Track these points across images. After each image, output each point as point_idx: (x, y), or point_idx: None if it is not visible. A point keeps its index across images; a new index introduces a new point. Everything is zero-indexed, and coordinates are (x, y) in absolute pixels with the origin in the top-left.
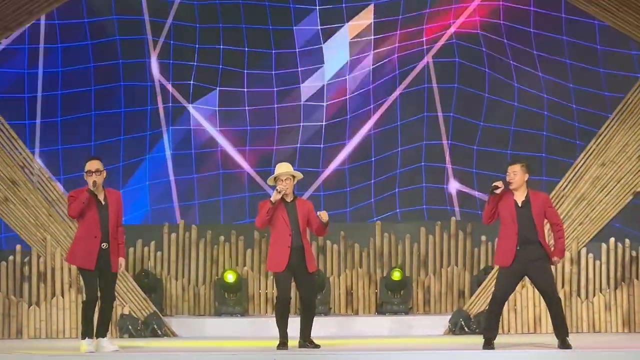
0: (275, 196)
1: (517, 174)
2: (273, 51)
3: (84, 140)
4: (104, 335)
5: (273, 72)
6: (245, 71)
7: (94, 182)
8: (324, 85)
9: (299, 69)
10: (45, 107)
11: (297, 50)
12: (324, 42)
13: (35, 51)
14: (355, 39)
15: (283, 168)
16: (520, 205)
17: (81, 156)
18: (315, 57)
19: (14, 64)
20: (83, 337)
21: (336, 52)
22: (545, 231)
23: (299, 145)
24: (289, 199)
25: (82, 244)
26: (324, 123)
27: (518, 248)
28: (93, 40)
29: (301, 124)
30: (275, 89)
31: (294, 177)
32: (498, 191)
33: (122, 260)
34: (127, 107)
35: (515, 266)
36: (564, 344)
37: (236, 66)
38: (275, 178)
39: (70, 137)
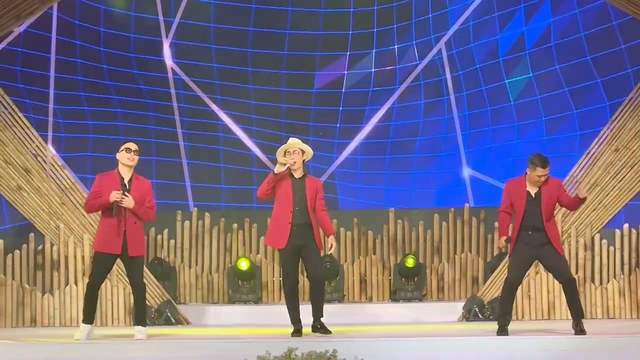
0: (278, 168)
1: (546, 177)
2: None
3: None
4: (136, 324)
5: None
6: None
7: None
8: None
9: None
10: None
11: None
12: None
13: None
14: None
15: (293, 141)
16: (533, 196)
17: None
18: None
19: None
20: (83, 322)
21: None
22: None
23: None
24: (297, 174)
25: (104, 228)
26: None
27: (530, 233)
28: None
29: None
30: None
31: (303, 152)
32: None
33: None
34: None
35: (526, 251)
36: (578, 328)
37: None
38: (285, 152)
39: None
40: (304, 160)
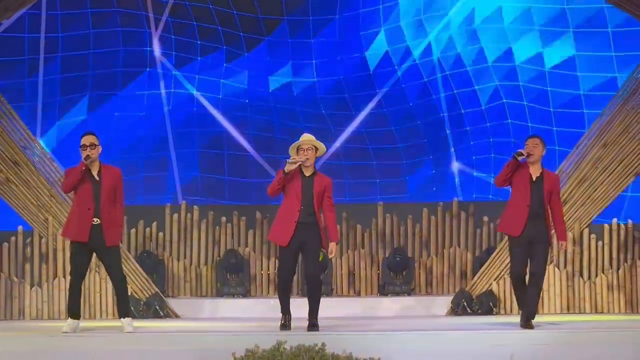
0: (288, 166)
1: (537, 147)
2: None
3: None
4: (122, 316)
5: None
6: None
7: (87, 156)
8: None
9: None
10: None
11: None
12: None
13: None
14: None
15: (306, 137)
16: (534, 180)
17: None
18: None
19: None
20: (70, 317)
21: None
22: None
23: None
24: (307, 172)
25: (75, 218)
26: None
27: (528, 221)
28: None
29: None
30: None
31: (316, 149)
32: (520, 158)
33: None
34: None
35: (525, 238)
36: (527, 324)
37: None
38: (297, 147)
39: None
40: (315, 157)
